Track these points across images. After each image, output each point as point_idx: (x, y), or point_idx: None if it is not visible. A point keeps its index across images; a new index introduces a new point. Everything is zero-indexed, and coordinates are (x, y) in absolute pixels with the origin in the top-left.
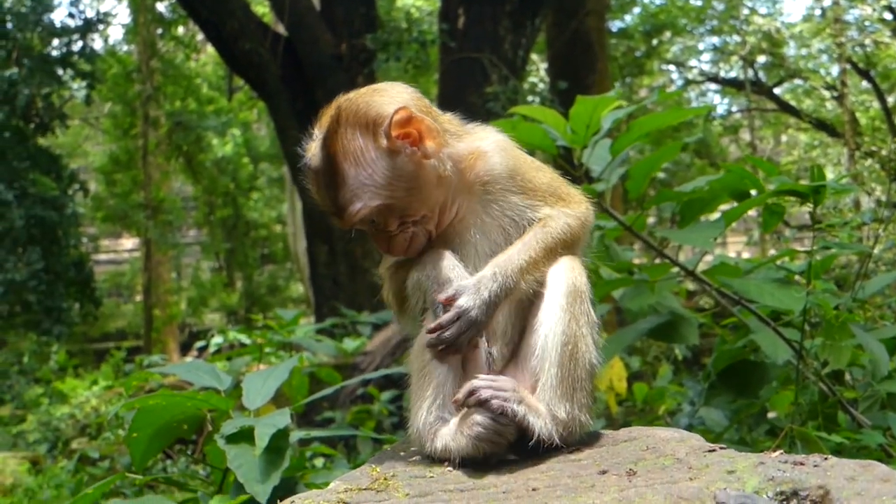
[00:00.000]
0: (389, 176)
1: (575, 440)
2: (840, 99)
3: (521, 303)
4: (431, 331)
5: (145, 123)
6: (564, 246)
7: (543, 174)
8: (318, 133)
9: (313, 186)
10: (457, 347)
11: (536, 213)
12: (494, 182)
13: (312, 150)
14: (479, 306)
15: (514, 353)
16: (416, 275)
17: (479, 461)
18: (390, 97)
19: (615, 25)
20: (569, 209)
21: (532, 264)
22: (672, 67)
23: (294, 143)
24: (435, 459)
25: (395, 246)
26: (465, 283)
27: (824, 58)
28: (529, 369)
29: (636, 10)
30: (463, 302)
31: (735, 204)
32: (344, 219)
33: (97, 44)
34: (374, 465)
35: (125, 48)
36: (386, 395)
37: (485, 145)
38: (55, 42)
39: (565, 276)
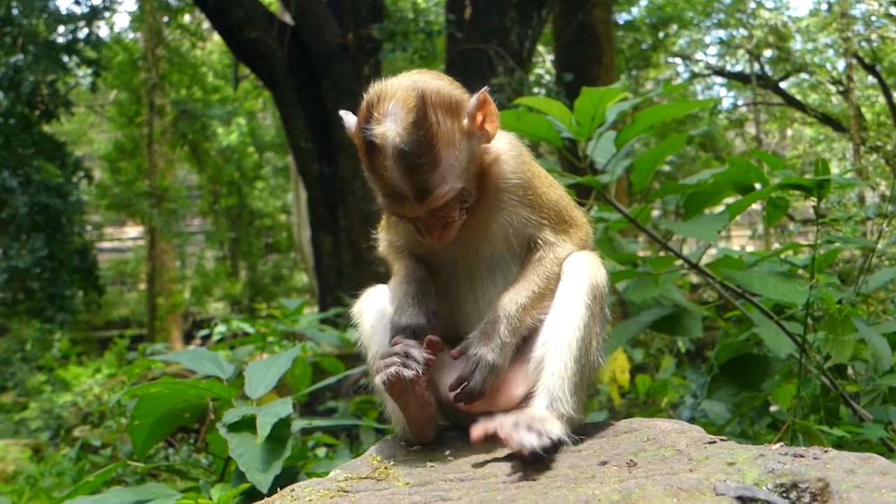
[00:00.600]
0: (467, 159)
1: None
2: (846, 94)
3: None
4: (454, 387)
5: (150, 111)
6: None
7: (554, 191)
8: (395, 113)
9: (389, 169)
10: (482, 395)
11: (539, 232)
12: (507, 191)
13: (391, 131)
14: (492, 350)
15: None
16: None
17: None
18: (449, 81)
19: (622, 18)
20: (569, 237)
21: (534, 302)
22: (678, 60)
23: (300, 132)
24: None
25: (449, 234)
26: (472, 333)
27: (830, 52)
28: (535, 359)
29: (643, 2)
30: (474, 350)
31: (739, 197)
32: (426, 202)
33: (103, 31)
34: (374, 455)
35: (131, 36)
36: None
37: (503, 150)
38: (61, 29)
39: (588, 272)
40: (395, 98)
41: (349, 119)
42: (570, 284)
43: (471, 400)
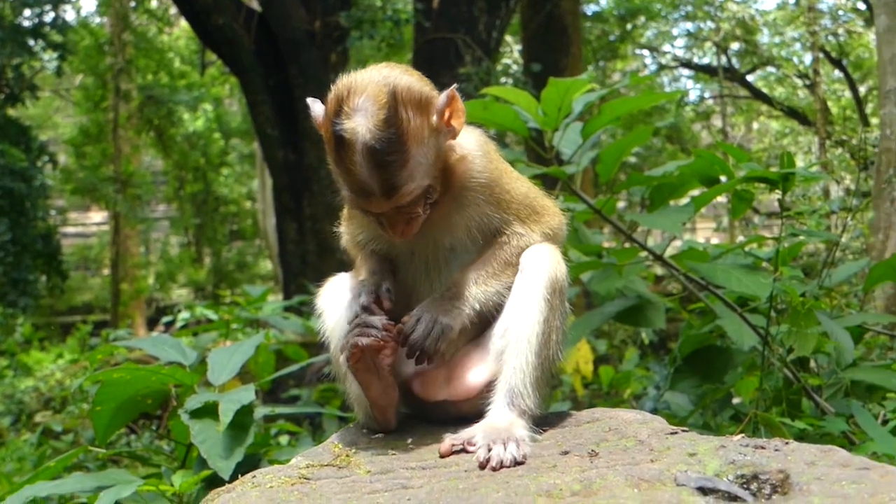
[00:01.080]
0: (434, 156)
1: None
2: (812, 87)
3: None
4: (399, 339)
5: (116, 96)
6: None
7: (521, 185)
8: (366, 109)
9: (357, 165)
10: (428, 352)
11: (507, 227)
12: (473, 189)
13: (361, 127)
14: (436, 309)
15: (478, 333)
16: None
17: None
18: (419, 76)
19: (590, 9)
20: (537, 226)
21: (487, 280)
22: (645, 52)
23: (266, 119)
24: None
25: (412, 229)
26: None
27: (797, 46)
28: (495, 351)
29: None
30: (418, 309)
31: (705, 189)
32: (392, 199)
33: (69, 15)
34: (336, 442)
35: (97, 20)
36: None
37: (469, 148)
38: (27, 12)
39: (547, 265)
40: (366, 93)
41: (316, 108)
42: (529, 278)
43: (420, 356)
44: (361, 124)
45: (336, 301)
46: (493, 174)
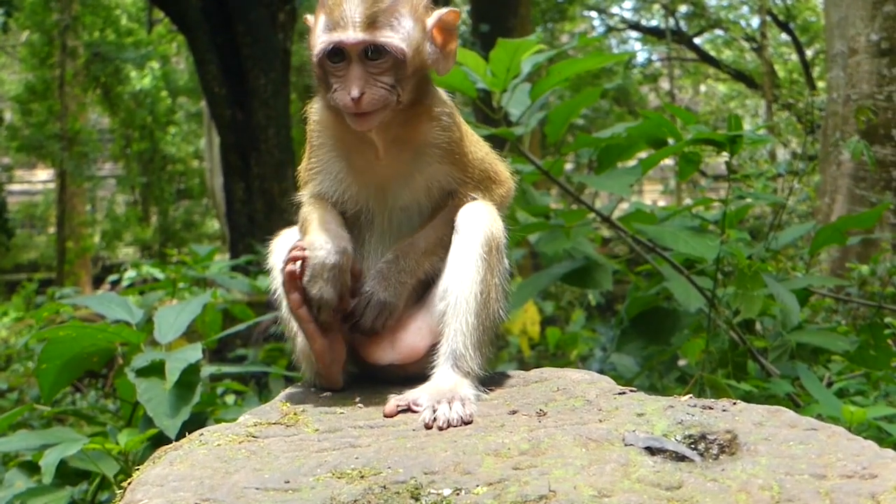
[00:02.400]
0: (417, 47)
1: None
2: (759, 51)
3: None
4: (345, 319)
5: (63, 53)
6: None
7: (478, 149)
8: None
9: None
10: (373, 331)
11: (461, 188)
12: (436, 146)
13: None
14: (385, 289)
15: (421, 294)
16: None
17: None
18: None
19: None
20: (490, 194)
21: (435, 248)
22: (594, 14)
23: (213, 77)
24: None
25: (373, 100)
26: (371, 272)
27: (745, 9)
28: (437, 313)
29: None
30: (369, 287)
31: (652, 152)
32: (369, 31)
33: None
34: (283, 401)
35: None
36: None
37: (436, 107)
38: None
39: (483, 224)
40: None
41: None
42: (464, 238)
43: (362, 334)
44: None
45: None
46: (455, 134)
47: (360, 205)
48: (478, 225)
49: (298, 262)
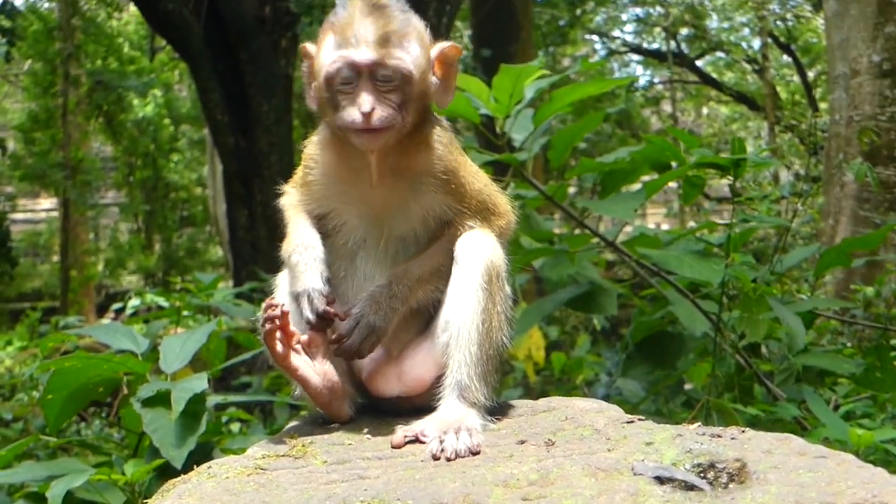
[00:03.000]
0: (422, 74)
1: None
2: (761, 72)
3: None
4: (333, 342)
5: (66, 82)
6: None
7: (477, 180)
8: None
9: (359, 13)
10: (360, 354)
11: (458, 218)
12: (433, 176)
13: None
14: (375, 312)
15: (425, 325)
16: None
17: None
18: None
19: None
20: (488, 225)
21: (430, 276)
22: (595, 37)
23: (216, 105)
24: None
25: (379, 116)
26: (362, 295)
27: (746, 31)
28: (440, 344)
29: None
30: (358, 309)
31: (656, 175)
32: (381, 51)
33: (18, 0)
34: (292, 432)
35: (46, 5)
36: None
37: (434, 136)
38: None
39: (482, 252)
40: None
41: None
42: (464, 268)
43: (349, 358)
44: None
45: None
46: (451, 164)
47: (355, 234)
48: (477, 254)
49: (277, 320)
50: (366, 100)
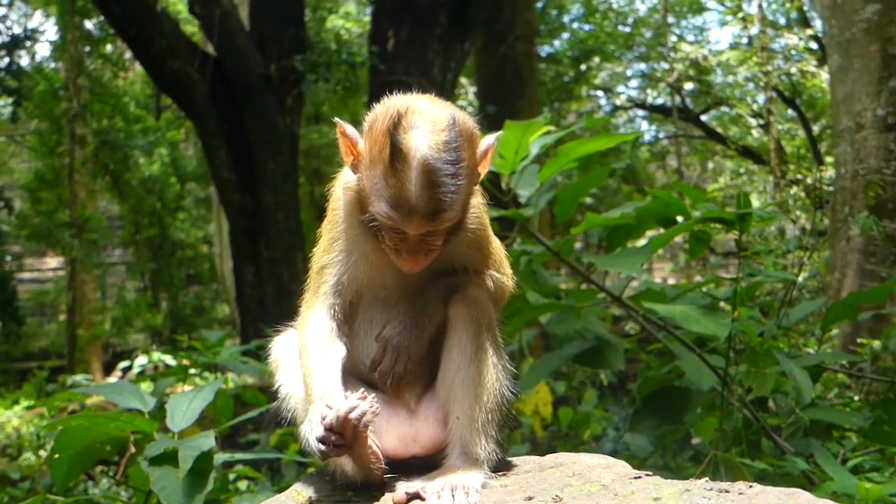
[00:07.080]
0: (468, 192)
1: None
2: (766, 127)
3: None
4: (370, 370)
5: (72, 141)
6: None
7: (495, 240)
8: (428, 127)
9: (411, 181)
10: (397, 377)
11: (481, 268)
12: (469, 232)
13: (423, 143)
14: (400, 333)
15: (429, 380)
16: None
17: None
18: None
19: (544, 50)
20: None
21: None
22: (600, 93)
23: (222, 163)
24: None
25: (426, 261)
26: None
27: (751, 86)
28: (442, 399)
29: (565, 35)
30: (387, 332)
31: (662, 230)
32: (434, 221)
33: (24, 60)
34: (298, 490)
35: (52, 65)
36: None
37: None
38: None
39: (467, 309)
40: (426, 114)
41: (349, 127)
42: (455, 328)
43: (384, 381)
44: (423, 141)
45: (289, 364)
46: (484, 222)
47: (381, 286)
48: (462, 309)
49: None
50: (411, 257)
